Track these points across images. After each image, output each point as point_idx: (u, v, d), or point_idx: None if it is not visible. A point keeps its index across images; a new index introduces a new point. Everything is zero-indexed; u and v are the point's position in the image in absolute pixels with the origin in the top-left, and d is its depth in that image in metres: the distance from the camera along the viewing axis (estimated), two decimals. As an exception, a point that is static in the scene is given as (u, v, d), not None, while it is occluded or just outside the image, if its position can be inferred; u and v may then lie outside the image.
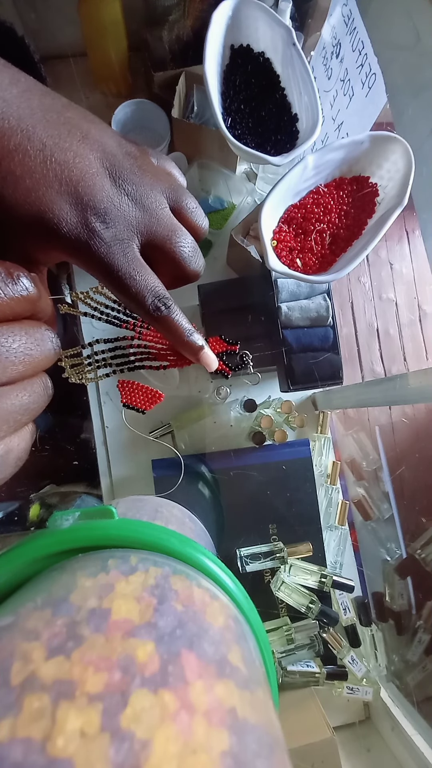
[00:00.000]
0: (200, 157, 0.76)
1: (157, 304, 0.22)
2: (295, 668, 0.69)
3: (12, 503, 0.89)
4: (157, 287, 0.22)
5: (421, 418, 1.61)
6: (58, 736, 0.12)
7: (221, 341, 0.33)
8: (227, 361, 0.33)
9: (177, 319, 0.23)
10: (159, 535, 0.24)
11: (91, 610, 0.17)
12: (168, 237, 0.22)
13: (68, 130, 0.19)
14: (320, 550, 0.75)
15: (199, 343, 0.26)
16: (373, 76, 0.52)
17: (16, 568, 0.22)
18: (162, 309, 0.22)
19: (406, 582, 0.80)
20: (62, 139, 0.19)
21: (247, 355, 0.38)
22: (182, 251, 0.22)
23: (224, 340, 0.34)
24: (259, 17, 0.54)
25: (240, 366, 0.35)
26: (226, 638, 0.18)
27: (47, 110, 0.19)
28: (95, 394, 0.76)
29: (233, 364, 0.34)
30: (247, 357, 0.36)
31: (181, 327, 0.24)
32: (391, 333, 1.69)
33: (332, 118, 0.61)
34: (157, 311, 0.22)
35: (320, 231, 0.56)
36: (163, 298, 0.22)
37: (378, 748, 0.72)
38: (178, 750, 0.13)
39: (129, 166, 0.21)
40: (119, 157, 0.21)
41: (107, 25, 0.68)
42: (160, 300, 0.22)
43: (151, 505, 0.36)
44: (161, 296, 0.22)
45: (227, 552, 0.71)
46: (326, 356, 0.70)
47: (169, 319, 0.23)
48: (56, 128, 0.19)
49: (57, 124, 0.19)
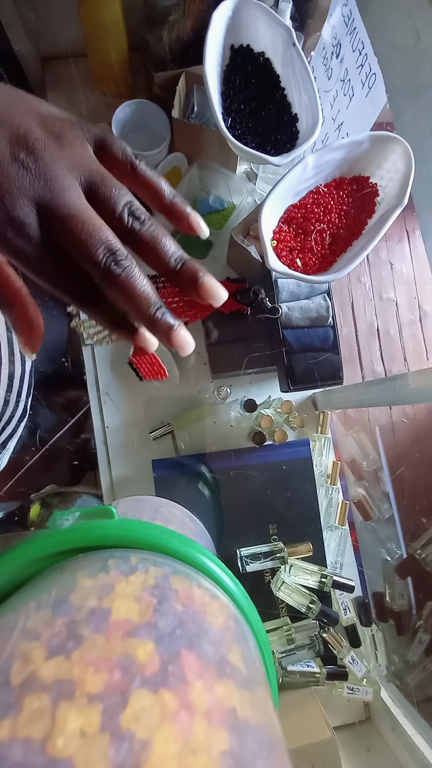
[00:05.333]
0: (200, 157, 0.76)
1: (80, 292, 0.21)
2: (295, 668, 0.69)
3: (12, 503, 0.89)
4: (71, 282, 0.21)
5: (421, 418, 1.61)
6: (58, 736, 0.12)
7: (229, 282, 0.33)
8: (241, 299, 0.33)
9: (98, 311, 0.22)
10: (159, 535, 0.24)
11: (91, 610, 0.17)
12: (66, 217, 0.20)
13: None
14: (320, 550, 0.75)
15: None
16: (373, 76, 0.52)
17: (16, 568, 0.22)
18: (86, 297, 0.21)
19: (407, 582, 0.80)
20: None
21: (260, 289, 0.38)
22: (81, 236, 0.20)
23: (230, 280, 0.34)
24: (259, 17, 0.54)
25: (254, 301, 0.35)
26: (226, 638, 0.18)
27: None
28: (95, 394, 0.76)
29: (247, 301, 0.34)
30: (260, 290, 0.36)
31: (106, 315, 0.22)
32: (392, 333, 1.69)
33: (332, 118, 0.61)
34: (82, 300, 0.21)
35: (320, 231, 0.56)
36: (80, 288, 0.21)
37: (378, 748, 0.72)
38: (178, 750, 0.13)
39: (42, 142, 0.20)
40: (31, 135, 0.20)
41: (107, 26, 0.67)
42: (81, 288, 0.21)
43: (151, 505, 0.36)
44: (76, 287, 0.21)
45: (227, 552, 0.71)
46: (326, 356, 0.70)
47: (92, 310, 0.22)
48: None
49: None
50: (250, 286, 0.31)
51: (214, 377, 0.77)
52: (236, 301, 0.32)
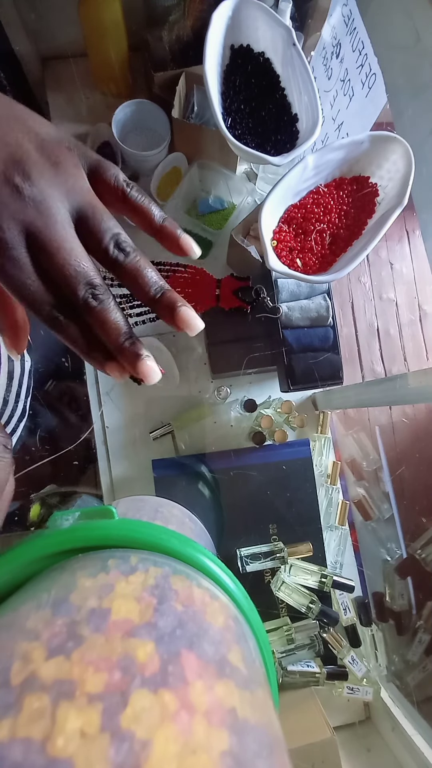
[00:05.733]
0: (200, 157, 0.76)
1: (53, 313, 0.21)
2: (296, 668, 0.69)
3: (12, 503, 0.89)
4: (47, 296, 0.21)
5: (421, 418, 1.61)
6: (58, 736, 0.12)
7: (232, 279, 0.34)
8: (243, 297, 0.34)
9: (74, 334, 0.22)
10: (159, 535, 0.24)
11: (91, 610, 0.17)
12: (54, 250, 0.20)
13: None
14: (320, 550, 0.75)
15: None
16: (373, 76, 0.52)
17: (16, 568, 0.22)
18: (60, 319, 0.21)
19: (407, 582, 0.80)
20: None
21: (262, 289, 0.38)
22: (65, 270, 0.20)
23: (234, 276, 0.34)
24: (259, 17, 0.54)
25: (255, 300, 0.35)
26: (226, 638, 0.18)
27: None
28: (95, 393, 0.76)
29: (249, 299, 0.34)
30: (262, 289, 0.36)
31: (78, 342, 0.22)
32: (392, 333, 1.69)
33: (332, 118, 0.61)
34: (54, 320, 0.21)
35: (320, 231, 0.56)
36: (58, 308, 0.21)
37: (378, 748, 0.72)
38: (178, 750, 0.13)
39: (38, 167, 0.20)
40: (29, 158, 0.20)
41: (107, 26, 0.67)
42: (55, 309, 0.21)
43: (151, 505, 0.36)
44: (54, 305, 0.21)
45: (227, 552, 0.71)
46: (326, 356, 0.70)
47: (66, 331, 0.22)
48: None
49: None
50: (253, 285, 0.32)
51: (214, 377, 0.77)
52: (237, 299, 0.32)
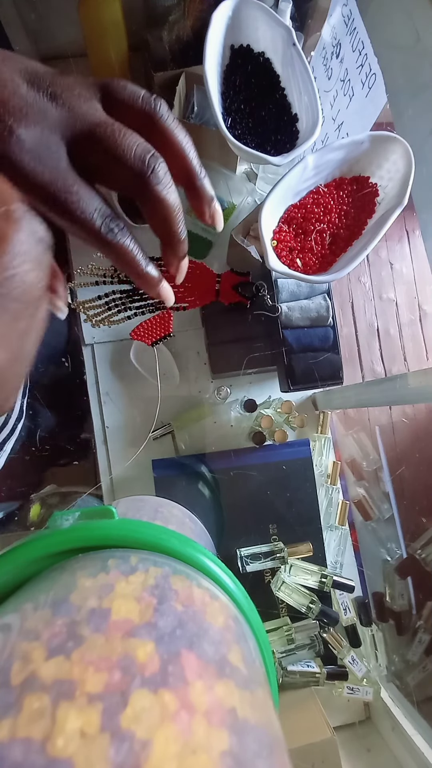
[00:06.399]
0: (200, 157, 0.76)
1: (110, 225, 0.19)
2: (296, 668, 0.69)
3: (12, 503, 0.89)
4: (103, 207, 0.19)
5: (421, 418, 1.61)
6: (58, 736, 0.12)
7: (232, 274, 0.34)
8: (243, 292, 0.34)
9: (130, 247, 0.20)
10: (159, 535, 0.24)
11: (91, 610, 0.17)
12: (96, 131, 0.19)
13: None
14: (320, 550, 0.75)
15: (154, 274, 0.22)
16: (373, 76, 0.52)
17: (16, 568, 0.22)
18: (115, 231, 0.19)
19: (407, 582, 0.80)
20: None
21: (262, 285, 0.38)
22: (118, 145, 0.19)
23: (234, 272, 0.34)
24: (259, 17, 0.54)
25: (255, 295, 0.35)
26: (226, 638, 0.18)
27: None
28: (95, 393, 0.76)
29: (249, 294, 0.34)
30: (263, 285, 0.36)
31: (136, 257, 0.21)
32: (392, 333, 1.69)
33: (332, 118, 0.61)
34: (110, 233, 0.19)
35: (320, 231, 0.56)
36: (113, 218, 0.19)
37: (378, 748, 0.72)
38: (178, 750, 0.13)
39: (51, 74, 0.19)
40: (40, 69, 0.19)
41: (107, 26, 0.67)
42: (111, 220, 0.19)
43: (151, 505, 0.36)
44: (109, 215, 0.19)
45: (227, 552, 0.71)
46: (326, 356, 0.70)
47: (121, 247, 0.20)
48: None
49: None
50: (254, 281, 0.32)
51: (214, 377, 0.77)
52: (237, 294, 0.32)
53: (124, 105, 0.20)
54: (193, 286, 0.32)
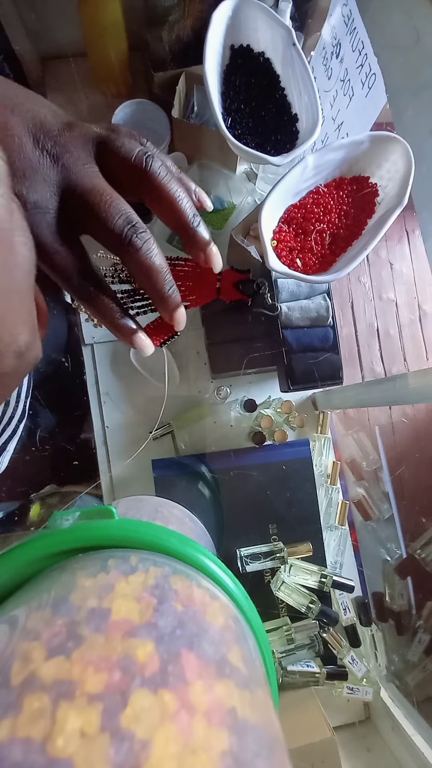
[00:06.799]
0: (200, 157, 0.76)
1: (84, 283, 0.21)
2: (295, 668, 0.69)
3: (12, 503, 0.89)
4: (85, 268, 0.21)
5: (421, 418, 1.61)
6: (58, 736, 0.12)
7: (233, 272, 0.34)
8: (243, 290, 0.34)
9: (106, 310, 0.22)
10: (159, 535, 0.24)
11: (91, 610, 0.17)
12: (86, 198, 0.20)
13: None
14: (320, 550, 0.75)
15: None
16: (373, 76, 0.52)
17: (16, 568, 0.22)
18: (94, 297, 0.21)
19: (406, 582, 0.80)
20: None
21: (263, 282, 0.38)
22: (103, 213, 0.20)
23: (235, 269, 0.34)
24: (259, 17, 0.54)
25: (256, 292, 0.35)
26: (226, 638, 0.18)
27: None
28: (95, 393, 0.76)
29: (249, 291, 0.34)
30: (263, 283, 0.36)
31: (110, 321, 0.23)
32: (391, 333, 1.69)
33: (332, 118, 0.61)
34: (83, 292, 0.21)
35: (320, 231, 0.56)
36: (91, 277, 0.21)
37: (378, 748, 0.72)
38: (178, 750, 0.13)
39: (57, 129, 0.20)
40: (48, 122, 0.20)
41: (107, 26, 0.67)
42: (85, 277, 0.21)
43: (151, 505, 0.36)
44: (85, 277, 0.21)
45: (227, 552, 0.71)
46: (326, 356, 0.70)
47: (99, 310, 0.22)
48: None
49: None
50: (254, 279, 0.32)
51: (214, 377, 0.77)
52: (237, 291, 0.32)
53: (118, 159, 0.22)
54: (194, 285, 0.32)
